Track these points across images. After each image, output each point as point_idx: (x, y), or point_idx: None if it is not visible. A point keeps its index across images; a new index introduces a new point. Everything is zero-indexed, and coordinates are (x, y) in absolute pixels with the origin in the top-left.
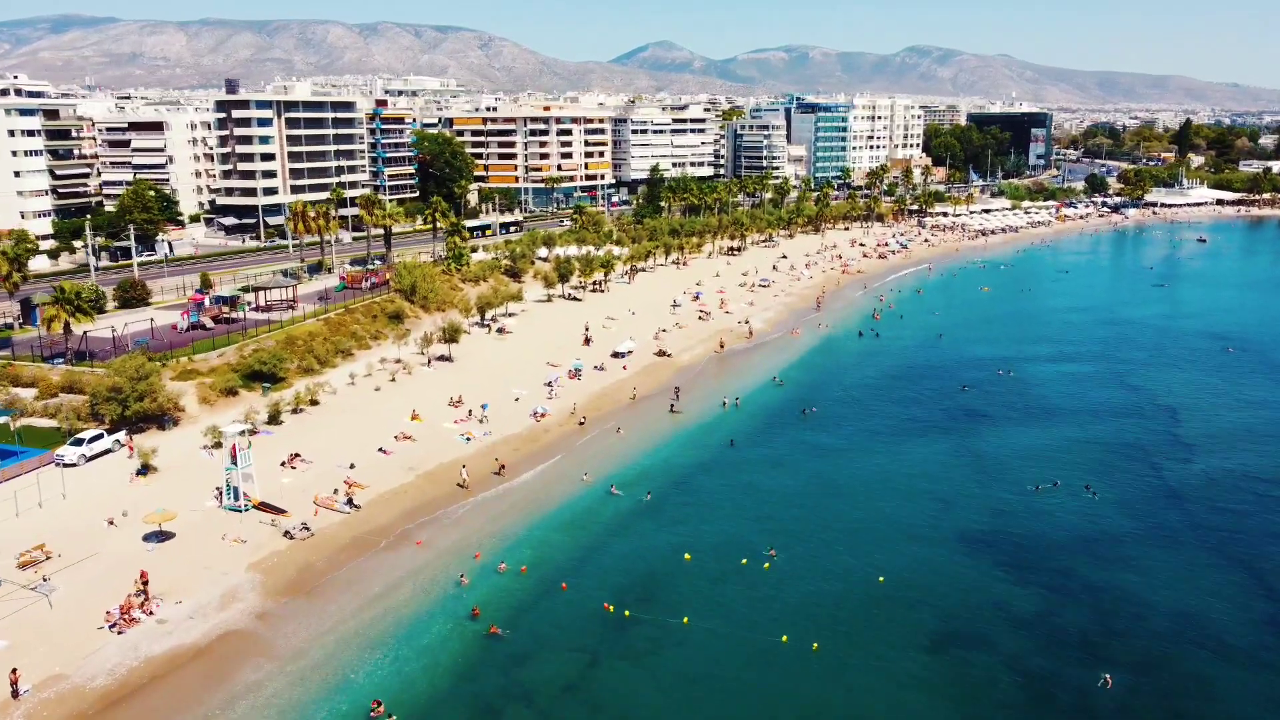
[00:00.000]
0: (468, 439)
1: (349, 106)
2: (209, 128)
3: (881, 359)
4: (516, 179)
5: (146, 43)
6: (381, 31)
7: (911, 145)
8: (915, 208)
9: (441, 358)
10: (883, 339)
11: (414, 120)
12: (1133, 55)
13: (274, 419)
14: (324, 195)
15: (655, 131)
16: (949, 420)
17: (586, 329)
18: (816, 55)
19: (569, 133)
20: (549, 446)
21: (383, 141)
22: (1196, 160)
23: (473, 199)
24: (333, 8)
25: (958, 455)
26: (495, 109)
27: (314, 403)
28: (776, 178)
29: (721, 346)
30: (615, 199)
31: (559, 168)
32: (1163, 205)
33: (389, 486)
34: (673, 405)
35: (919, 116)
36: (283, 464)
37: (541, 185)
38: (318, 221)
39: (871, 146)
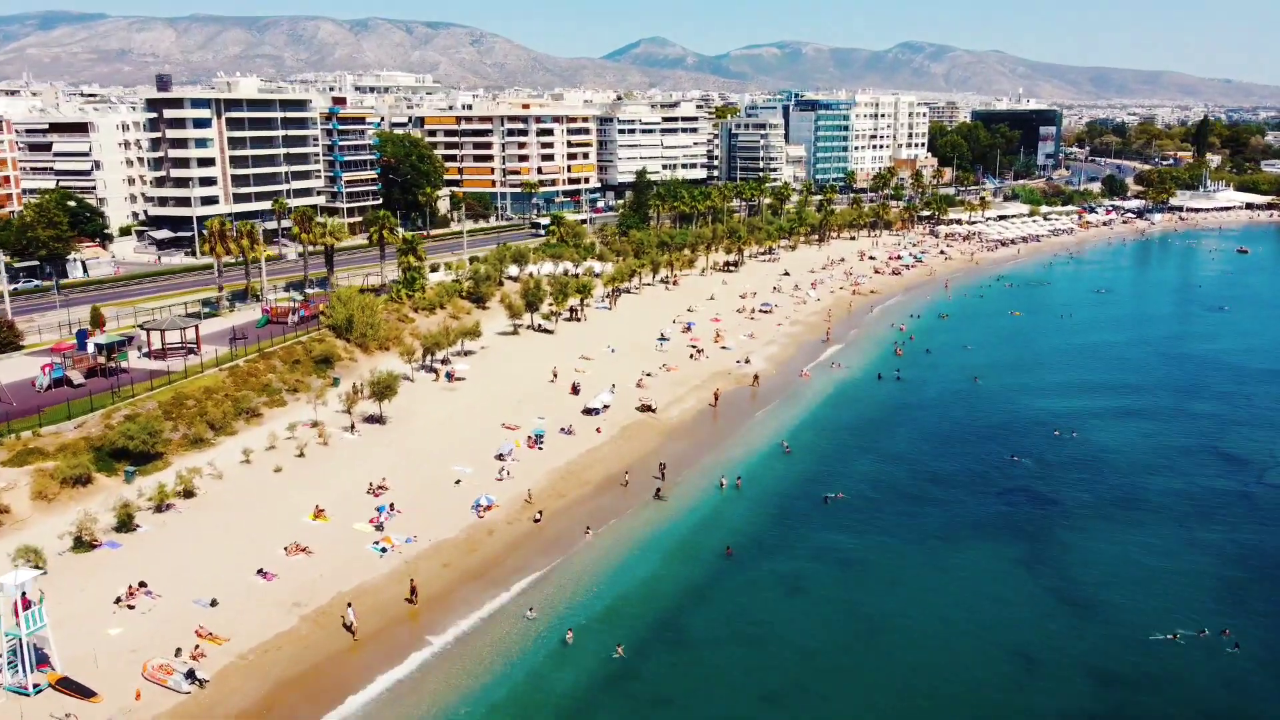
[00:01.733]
0: (384, 549)
1: (301, 105)
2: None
3: (910, 414)
4: (493, 183)
5: (135, 39)
6: (372, 27)
7: (916, 145)
8: (927, 214)
9: (371, 419)
10: (907, 383)
11: (380, 120)
12: (1125, 51)
13: (124, 525)
14: (286, 202)
15: (644, 131)
16: (1008, 511)
17: (554, 375)
18: (809, 51)
19: (550, 133)
20: (491, 561)
21: (340, 144)
22: (1213, 160)
23: (444, 206)
24: (323, 4)
25: (1030, 573)
26: (470, 107)
27: (188, 494)
28: (775, 181)
29: (717, 399)
30: (600, 204)
31: (539, 171)
32: (1189, 210)
33: (259, 638)
34: (658, 490)
35: (924, 114)
36: (119, 600)
37: (520, 190)
38: (241, 241)
39: (874, 146)
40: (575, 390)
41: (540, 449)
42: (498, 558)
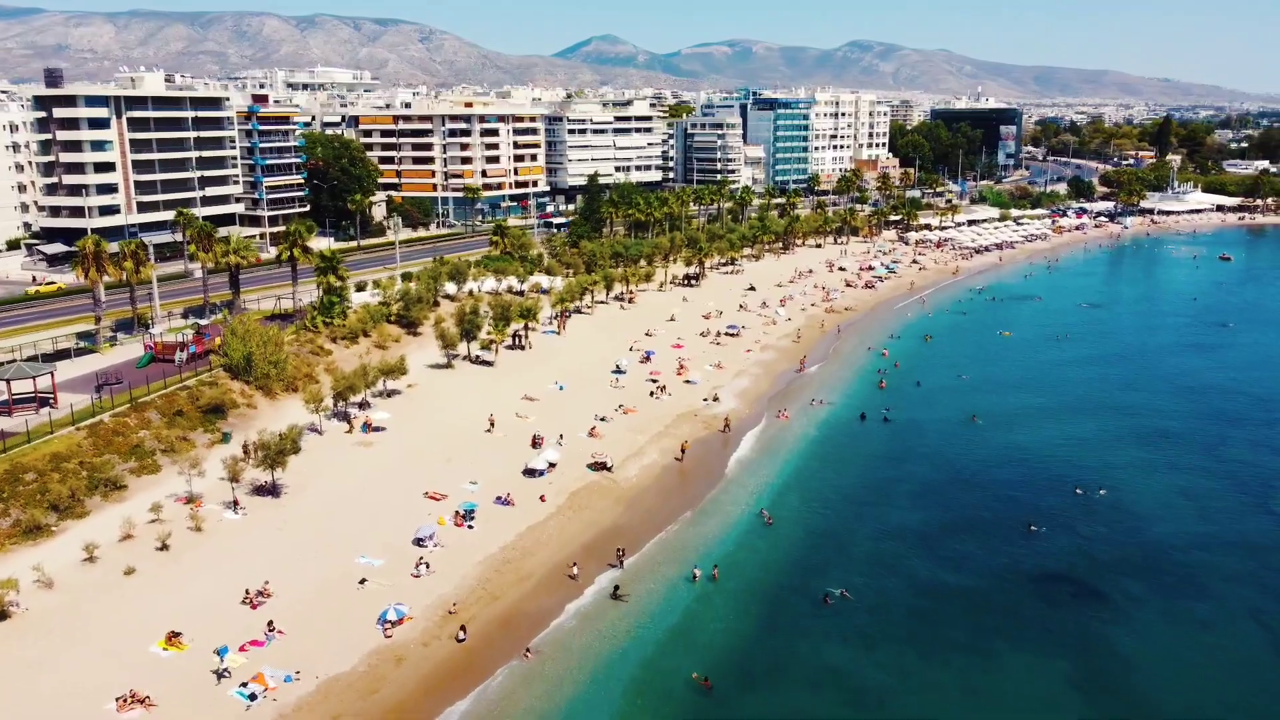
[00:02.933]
0: (254, 695)
1: (215, 103)
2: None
3: (906, 468)
4: (434, 187)
5: (73, 34)
6: (319, 24)
7: (877, 145)
8: (896, 219)
9: (263, 489)
10: (898, 425)
11: (310, 119)
12: (1068, 51)
13: None
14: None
15: (595, 131)
16: (1044, 610)
17: (491, 424)
18: (760, 50)
19: (495, 133)
20: (397, 708)
21: (261, 146)
22: (1173, 160)
23: (379, 213)
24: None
25: (1085, 697)
26: (409, 106)
27: (1, 616)
28: (734, 184)
29: (684, 451)
30: (550, 209)
31: (483, 174)
32: (1160, 212)
33: None
34: (616, 588)
35: (885, 114)
36: None
37: (463, 195)
38: (123, 262)
39: (835, 147)
40: (536, 443)
41: (470, 527)
42: (406, 701)
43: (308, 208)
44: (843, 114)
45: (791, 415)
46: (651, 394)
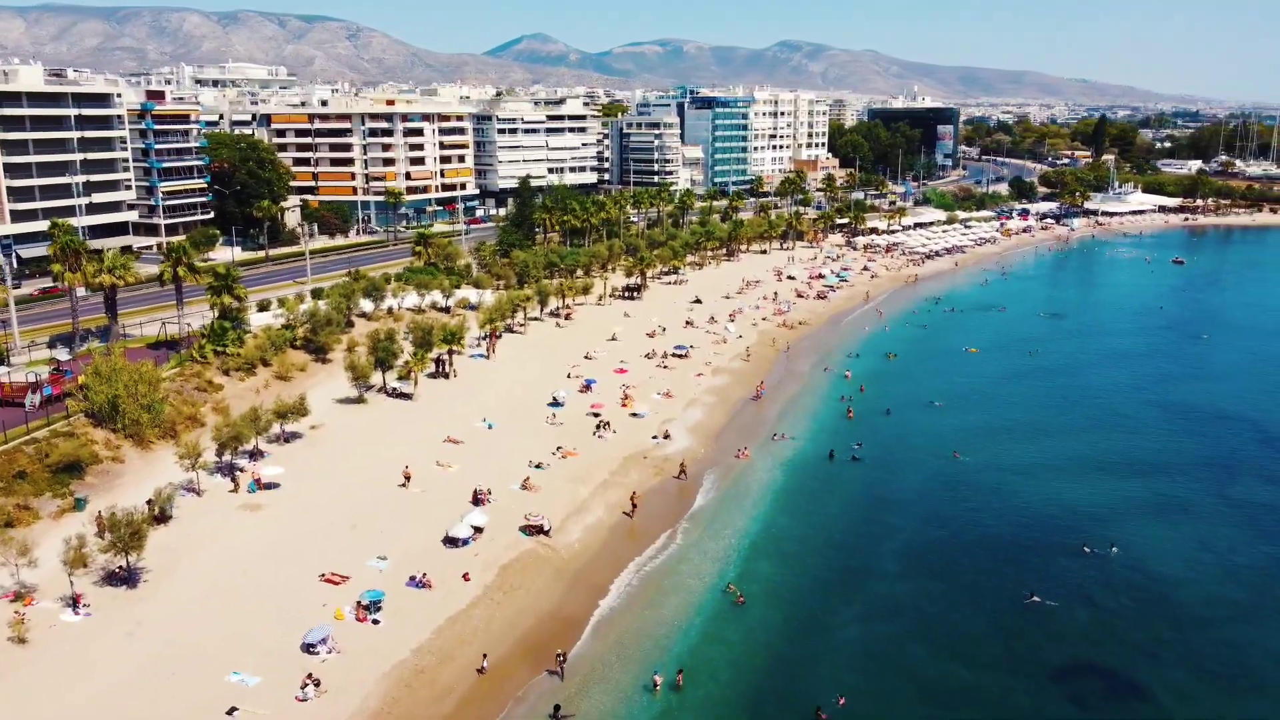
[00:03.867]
0: None
1: (102, 100)
2: None
3: (885, 520)
4: (354, 191)
5: None
6: (243, 20)
7: (817, 144)
8: (843, 222)
9: (114, 578)
10: (869, 463)
11: (219, 118)
12: (991, 52)
13: None
14: (73, 221)
15: (527, 131)
16: (1069, 710)
17: (407, 478)
18: (691, 49)
19: (419, 133)
20: None
21: (157, 147)
22: (1109, 159)
23: (292, 220)
24: None
25: None
26: (327, 103)
27: None
28: (673, 186)
29: (634, 506)
30: (479, 213)
31: (407, 176)
32: (1103, 214)
33: None
34: (557, 708)
35: (824, 113)
36: None
37: (385, 199)
38: None
39: (774, 147)
40: (479, 500)
41: (376, 622)
42: None
43: (211, 215)
44: (782, 113)
45: (753, 453)
46: (594, 431)
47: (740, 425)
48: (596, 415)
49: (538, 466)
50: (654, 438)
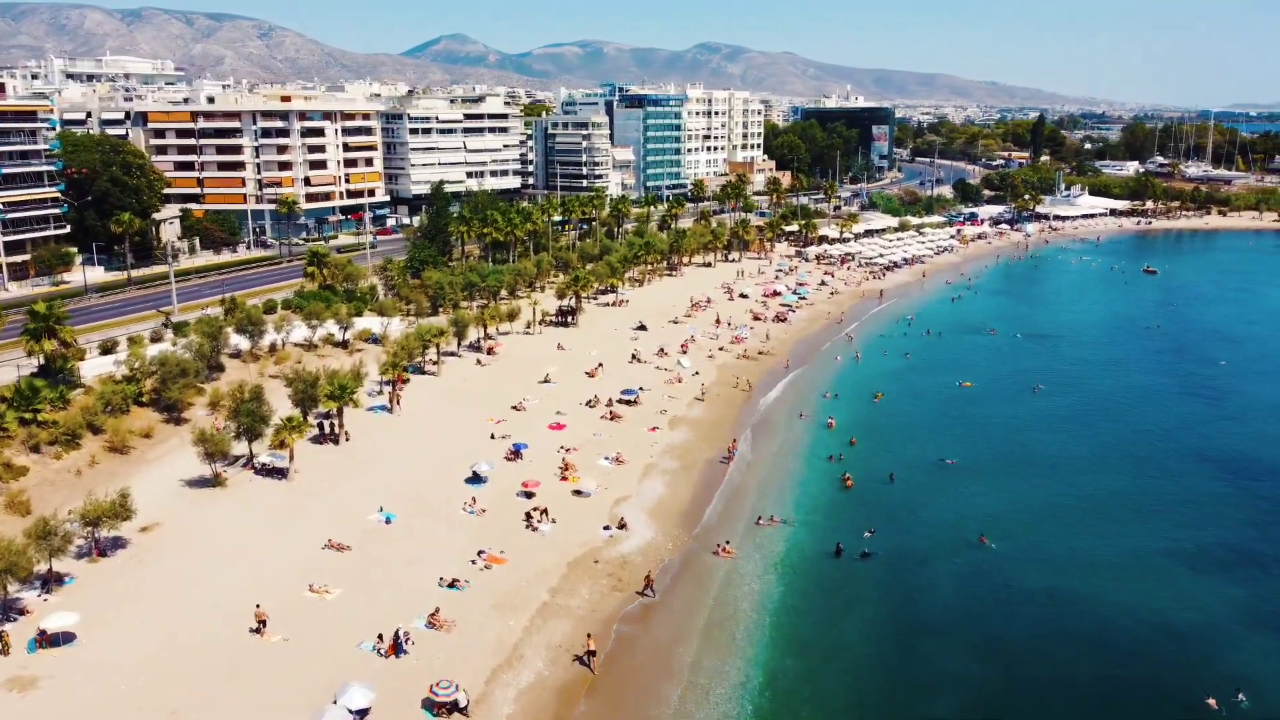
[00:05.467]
0: None
1: None
2: None
3: (924, 655)
4: (245, 199)
5: None
6: (147, 18)
7: (752, 146)
8: (792, 230)
9: None
10: (884, 559)
11: (86, 116)
12: (903, 55)
13: None
14: None
15: (443, 131)
16: None
17: (261, 624)
18: (611, 50)
19: (320, 133)
20: None
21: None
22: (1046, 160)
23: (169, 232)
24: None
25: None
26: (214, 100)
27: None
28: (604, 190)
29: (589, 655)
30: (390, 223)
31: (306, 182)
32: (1055, 218)
33: None
34: None
35: (759, 112)
36: None
37: (277, 208)
38: None
39: (709, 148)
40: (400, 644)
41: None
42: None
43: (67, 229)
44: (716, 113)
45: (736, 547)
46: (528, 522)
47: (714, 502)
48: (529, 496)
49: (452, 585)
50: (606, 528)
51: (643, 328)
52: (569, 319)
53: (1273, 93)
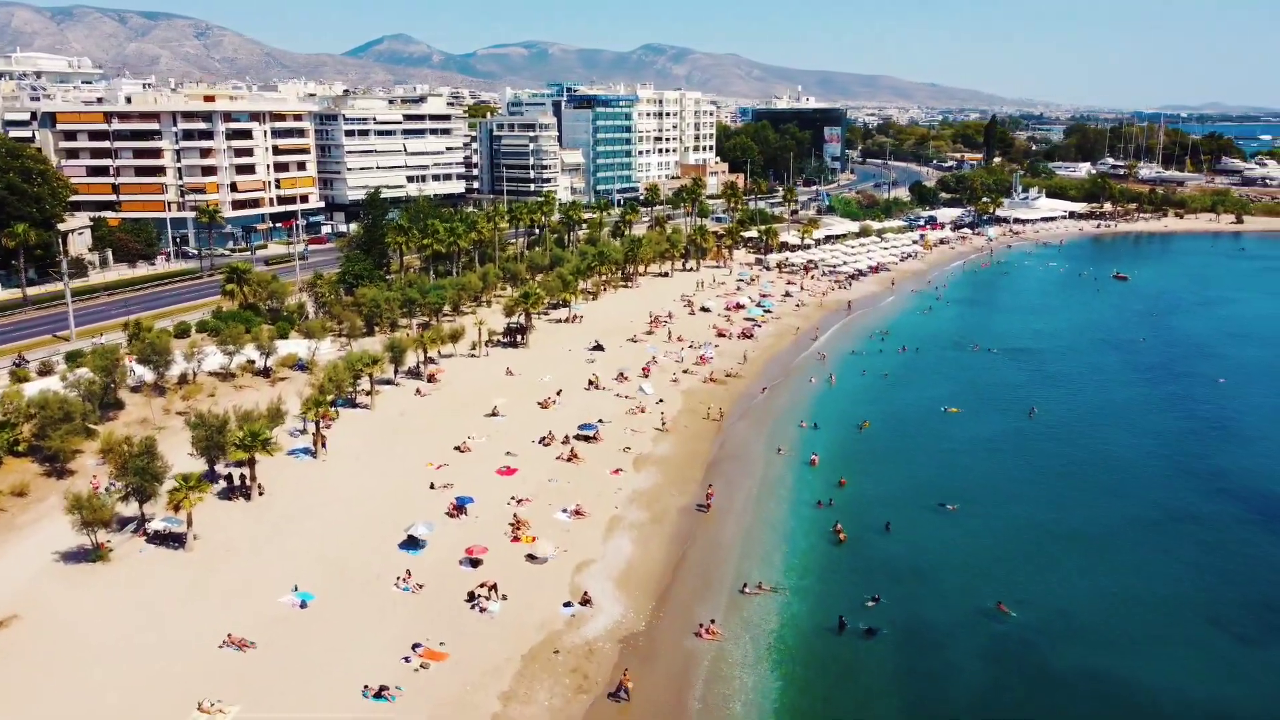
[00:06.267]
0: None
1: None
2: None
3: None
4: (166, 206)
5: None
6: (79, 17)
7: (704, 148)
8: (751, 236)
9: None
10: (893, 635)
11: None
12: (846, 57)
13: None
14: None
15: (381, 133)
16: None
17: None
18: (556, 51)
19: (247, 135)
20: None
21: None
22: (997, 160)
23: (79, 244)
24: None
25: None
26: (131, 99)
27: None
28: (554, 194)
29: None
30: (325, 230)
31: (233, 188)
32: (1015, 221)
33: None
34: None
35: (710, 113)
36: None
37: (197, 217)
38: None
39: (660, 150)
40: None
41: None
42: None
43: None
44: (667, 114)
45: (722, 624)
46: (472, 602)
47: (691, 565)
48: (475, 564)
49: (379, 695)
50: (567, 605)
51: (599, 348)
52: (518, 339)
53: (1200, 95)
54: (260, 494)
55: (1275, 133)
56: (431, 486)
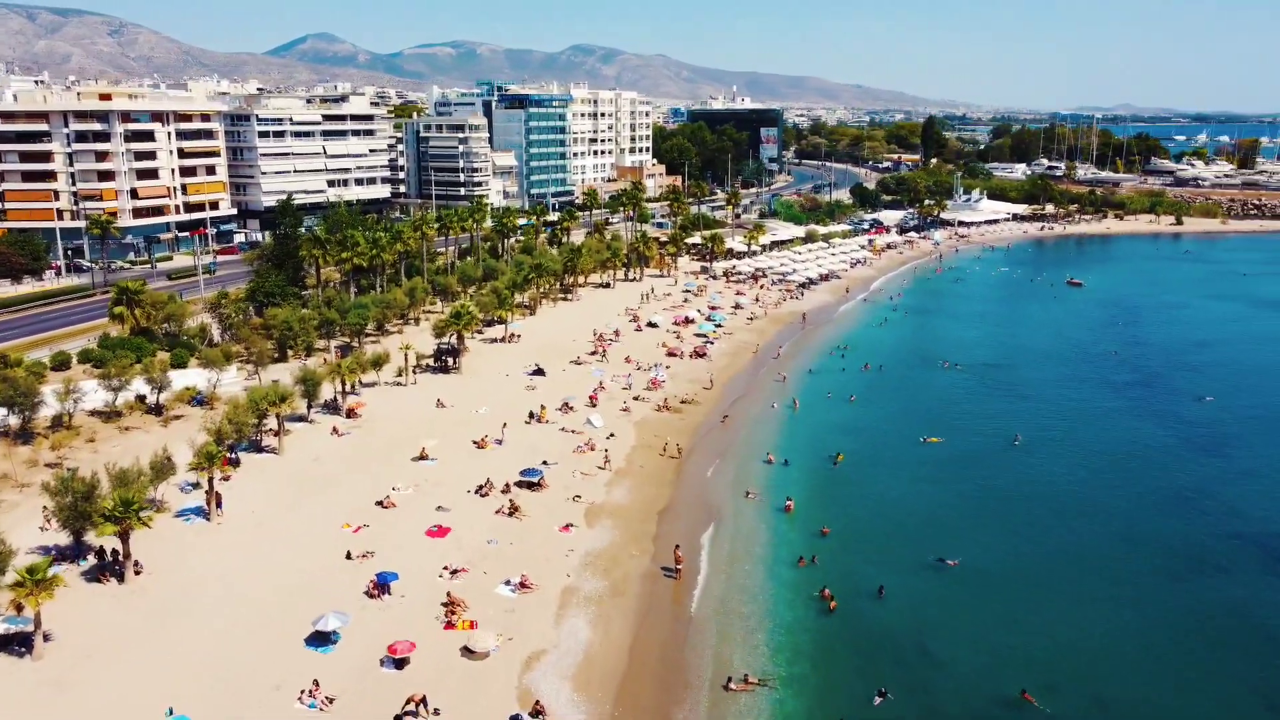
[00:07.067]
0: None
1: None
2: None
3: None
4: (56, 215)
5: None
6: None
7: (641, 149)
8: (695, 242)
9: None
10: None
11: None
12: (773, 58)
13: None
14: None
15: (299, 134)
16: None
17: None
18: (484, 52)
19: (149, 136)
20: None
21: None
22: (934, 161)
23: None
24: None
25: None
26: (18, 97)
27: None
28: (488, 201)
29: None
30: (238, 240)
31: (133, 194)
32: (960, 224)
33: None
34: None
35: (646, 114)
36: None
37: (88, 227)
38: None
39: (595, 152)
40: None
41: None
42: None
43: None
44: (602, 114)
45: None
46: None
47: (662, 651)
48: (400, 665)
49: None
50: (514, 718)
51: (540, 372)
52: (450, 362)
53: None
54: (137, 573)
55: (1187, 134)
56: (348, 556)
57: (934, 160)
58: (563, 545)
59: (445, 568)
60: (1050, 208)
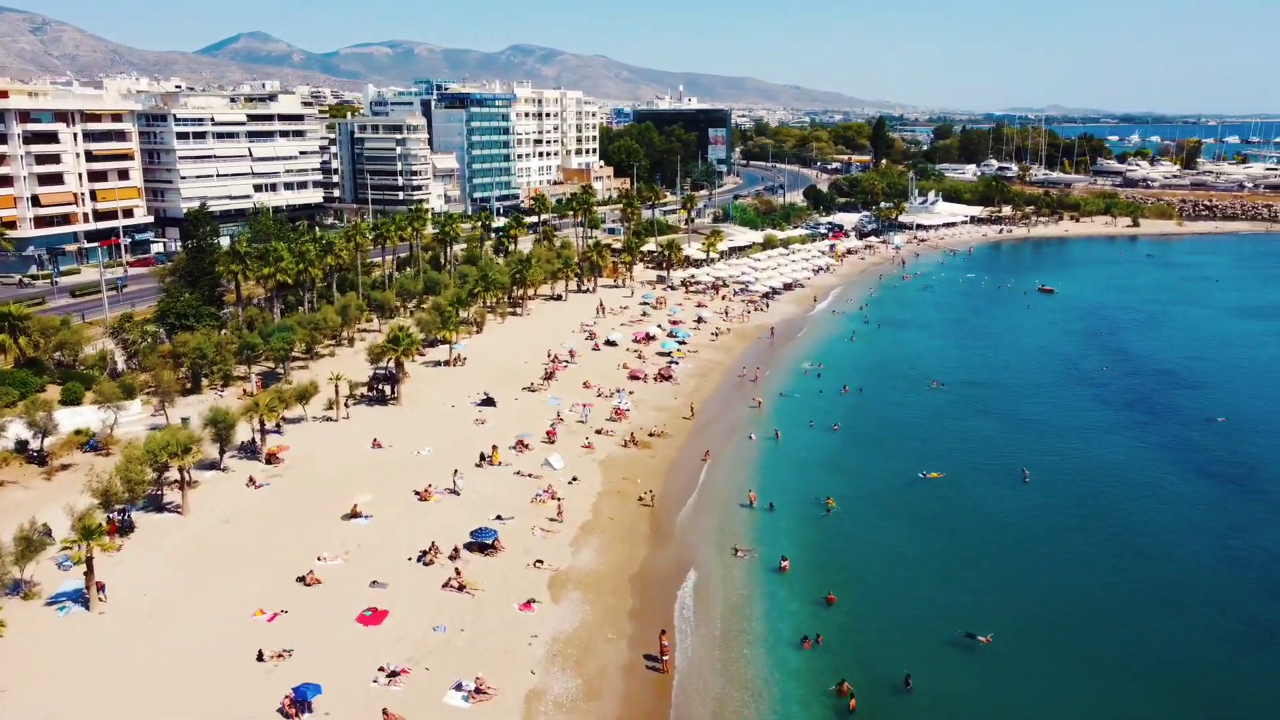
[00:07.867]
0: None
1: None
2: None
3: None
4: None
5: None
6: None
7: (587, 150)
8: (651, 249)
9: None
10: None
11: None
12: (712, 59)
13: None
14: None
15: (221, 135)
16: None
17: None
18: (422, 51)
19: (52, 138)
20: None
21: None
22: (880, 163)
23: None
24: None
25: None
26: None
27: None
28: (428, 206)
29: None
30: (155, 250)
31: (34, 202)
32: (919, 227)
33: None
34: None
35: (594, 114)
36: None
37: None
38: None
39: (540, 154)
40: None
41: None
42: None
43: None
44: (547, 114)
45: None
46: None
47: None
48: None
49: None
50: None
51: (489, 401)
52: (388, 392)
53: (1042, 98)
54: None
55: (1119, 134)
56: (260, 658)
57: (884, 161)
58: (524, 629)
59: (381, 670)
60: (1007, 210)
